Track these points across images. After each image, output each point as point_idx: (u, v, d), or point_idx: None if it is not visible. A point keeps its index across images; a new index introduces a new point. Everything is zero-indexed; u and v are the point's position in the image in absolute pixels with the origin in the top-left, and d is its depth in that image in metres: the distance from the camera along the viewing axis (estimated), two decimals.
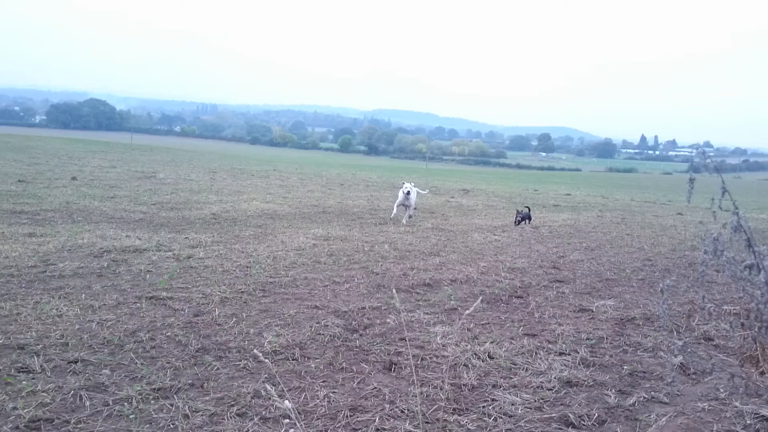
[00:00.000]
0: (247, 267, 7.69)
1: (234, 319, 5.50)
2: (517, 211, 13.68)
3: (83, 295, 6.00)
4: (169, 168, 26.61)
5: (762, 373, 3.54)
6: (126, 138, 65.78)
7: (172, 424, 3.46)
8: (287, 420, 3.47)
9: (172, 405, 3.71)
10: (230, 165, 33.68)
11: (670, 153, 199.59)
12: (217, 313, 5.65)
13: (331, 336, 5.19)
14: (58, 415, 3.49)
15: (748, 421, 3.79)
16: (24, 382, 3.88)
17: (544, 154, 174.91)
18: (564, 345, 5.25)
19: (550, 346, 5.22)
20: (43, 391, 3.77)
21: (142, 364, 4.33)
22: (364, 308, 6.12)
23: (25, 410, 3.49)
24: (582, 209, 19.04)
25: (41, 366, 4.17)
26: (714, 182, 3.37)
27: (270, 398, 1.94)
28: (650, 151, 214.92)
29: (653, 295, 7.25)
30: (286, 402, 1.82)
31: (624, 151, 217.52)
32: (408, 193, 13.14)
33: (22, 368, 4.12)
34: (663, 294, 3.33)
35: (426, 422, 3.66)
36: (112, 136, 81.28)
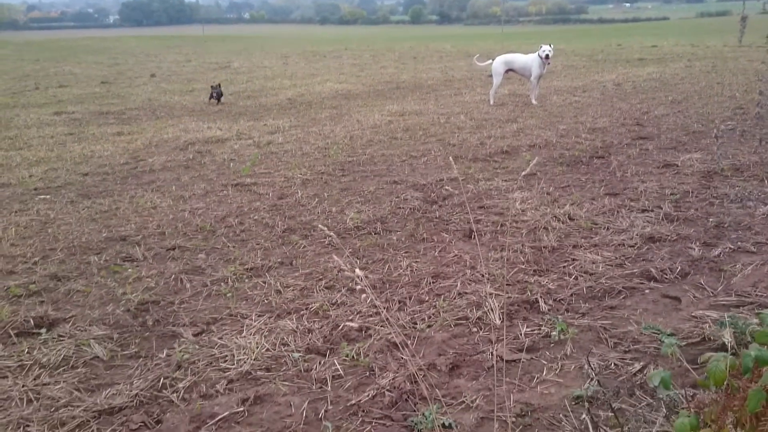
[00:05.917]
0: (326, 148, 7.81)
1: (316, 200, 5.67)
2: (212, 87, 12.51)
3: (174, 187, 6.30)
4: (242, 57, 26.70)
5: None
6: (198, 30, 65.80)
7: (266, 299, 3.70)
8: (359, 286, 3.63)
9: (264, 282, 3.94)
10: (302, 48, 33.42)
11: None
12: (299, 194, 5.84)
13: (411, 209, 5.29)
14: (163, 297, 3.78)
15: None
16: (129, 270, 4.20)
17: (628, 4, 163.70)
18: (647, 202, 5.16)
19: (632, 203, 5.14)
20: (147, 277, 4.08)
21: (233, 246, 4.58)
22: (443, 180, 6.16)
23: (134, 294, 3.80)
24: (669, 61, 17.97)
25: (143, 254, 4.48)
26: None
27: (355, 270, 2.06)
28: None
29: (743, 145, 6.92)
30: (357, 270, 1.91)
31: None
32: (547, 56, 10.28)
33: (126, 258, 4.45)
34: (717, 140, 3.19)
35: (507, 284, 3.75)
36: (184, 30, 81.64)
